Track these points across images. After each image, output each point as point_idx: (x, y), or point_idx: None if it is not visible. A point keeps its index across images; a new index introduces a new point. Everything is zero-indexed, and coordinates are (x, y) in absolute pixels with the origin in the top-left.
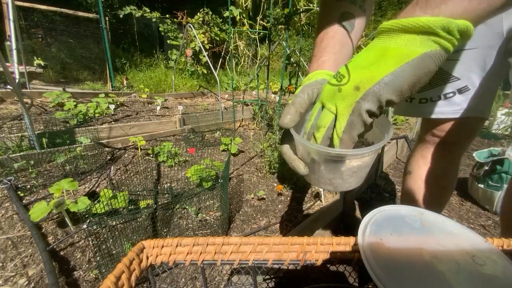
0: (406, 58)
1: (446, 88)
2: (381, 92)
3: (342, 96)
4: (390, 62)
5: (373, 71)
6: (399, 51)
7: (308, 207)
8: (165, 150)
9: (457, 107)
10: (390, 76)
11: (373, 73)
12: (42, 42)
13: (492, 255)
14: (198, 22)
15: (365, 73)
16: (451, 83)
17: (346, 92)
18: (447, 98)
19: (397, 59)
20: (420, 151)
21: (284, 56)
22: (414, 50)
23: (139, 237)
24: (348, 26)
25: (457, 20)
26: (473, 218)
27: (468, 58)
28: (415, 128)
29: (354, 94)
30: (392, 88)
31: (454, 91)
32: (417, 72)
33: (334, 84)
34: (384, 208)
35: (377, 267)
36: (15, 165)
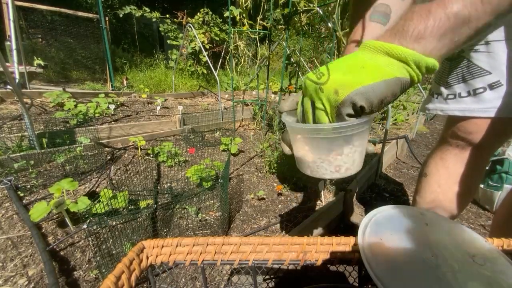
0: (384, 76)
1: (476, 83)
2: (356, 99)
3: (324, 96)
4: (369, 75)
5: (351, 79)
6: (379, 69)
7: (308, 207)
8: (165, 150)
9: (488, 104)
10: (367, 88)
11: (351, 81)
12: (42, 42)
13: (492, 255)
14: (198, 22)
15: (344, 79)
16: (481, 78)
17: (327, 92)
18: (476, 94)
19: (375, 74)
20: (440, 153)
21: (284, 56)
22: (391, 72)
23: (139, 237)
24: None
25: (427, 58)
26: (473, 218)
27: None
28: (415, 128)
29: (334, 96)
30: (365, 98)
31: (485, 86)
32: (388, 90)
33: (313, 80)
34: (384, 208)
35: (377, 267)
36: (15, 165)
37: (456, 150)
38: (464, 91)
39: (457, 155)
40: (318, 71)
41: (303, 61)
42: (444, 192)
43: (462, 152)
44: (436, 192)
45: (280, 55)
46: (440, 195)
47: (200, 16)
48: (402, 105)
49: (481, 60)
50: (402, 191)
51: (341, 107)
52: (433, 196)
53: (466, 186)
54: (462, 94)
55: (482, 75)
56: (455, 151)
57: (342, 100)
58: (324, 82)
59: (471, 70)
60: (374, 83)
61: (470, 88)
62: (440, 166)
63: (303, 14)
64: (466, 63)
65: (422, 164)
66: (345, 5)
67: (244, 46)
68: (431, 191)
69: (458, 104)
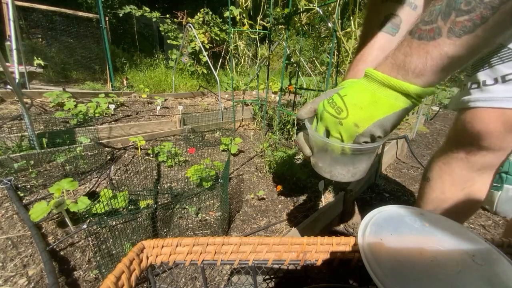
0: (394, 109)
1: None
2: (375, 130)
3: (345, 129)
4: (381, 110)
5: (368, 114)
6: (389, 102)
7: (308, 207)
8: (165, 150)
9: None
10: (382, 120)
11: (368, 116)
12: (42, 42)
13: (492, 255)
14: (198, 22)
15: (362, 114)
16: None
17: (347, 126)
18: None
19: (386, 108)
20: (444, 156)
21: (284, 56)
22: (399, 105)
23: (139, 237)
24: (391, 30)
25: (426, 88)
26: (473, 218)
27: None
28: (415, 128)
29: (355, 129)
30: (381, 128)
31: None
32: (397, 119)
33: (333, 115)
34: (384, 208)
35: (377, 267)
36: (15, 165)
37: (462, 154)
38: (490, 78)
39: (463, 160)
40: (335, 105)
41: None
42: (447, 200)
43: (468, 156)
44: (439, 199)
45: (280, 55)
46: (444, 203)
47: (200, 16)
48: None
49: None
50: (402, 191)
51: (360, 137)
52: (436, 203)
53: (472, 196)
54: (488, 82)
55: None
56: (460, 155)
57: (363, 132)
58: (344, 117)
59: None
60: (387, 116)
61: (498, 74)
62: (444, 171)
63: (303, 14)
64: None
65: (425, 167)
66: (345, 5)
67: (244, 46)
68: (434, 197)
69: (483, 93)
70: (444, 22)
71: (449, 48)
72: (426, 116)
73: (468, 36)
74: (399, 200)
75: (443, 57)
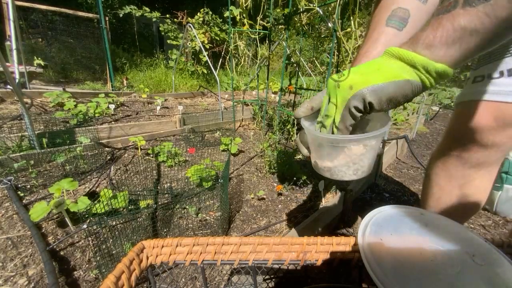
0: (395, 77)
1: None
2: (367, 94)
3: (340, 91)
4: (382, 76)
5: (366, 78)
6: (391, 71)
7: (308, 207)
8: (165, 150)
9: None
10: (377, 86)
11: (366, 80)
12: (42, 42)
13: (492, 255)
14: (198, 22)
15: (360, 78)
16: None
17: (342, 88)
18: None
19: (387, 76)
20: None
21: (284, 56)
22: (401, 75)
23: (139, 237)
24: (397, 24)
25: (436, 63)
26: (473, 218)
27: None
28: (415, 128)
29: (348, 91)
30: (375, 95)
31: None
32: (397, 91)
33: (335, 79)
34: (384, 208)
35: (377, 267)
36: (15, 165)
37: (457, 150)
38: (496, 71)
39: (458, 156)
40: (341, 73)
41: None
42: (446, 196)
43: (462, 152)
44: (439, 195)
45: (280, 55)
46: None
47: (200, 16)
48: (402, 105)
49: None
50: (402, 191)
51: (351, 99)
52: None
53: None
54: (494, 75)
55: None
56: (455, 152)
57: (354, 93)
58: (343, 80)
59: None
60: (384, 82)
61: (505, 68)
62: (439, 168)
63: (303, 14)
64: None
65: (427, 164)
66: (345, 5)
67: (244, 46)
68: (433, 193)
69: (486, 86)
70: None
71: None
72: (426, 116)
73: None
74: (399, 200)
75: (456, 28)
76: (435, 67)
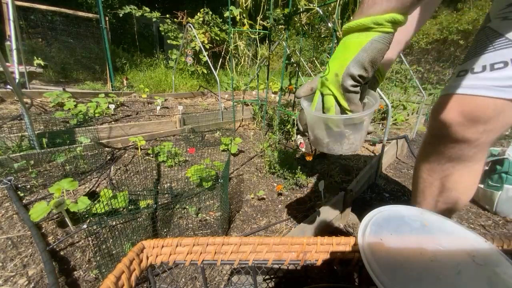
0: (359, 45)
1: (496, 56)
2: (351, 71)
3: (330, 83)
4: (350, 51)
5: (342, 60)
6: (353, 43)
7: (308, 207)
8: (165, 150)
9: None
10: (353, 60)
11: (342, 61)
12: (42, 42)
13: (492, 255)
14: (198, 22)
15: (337, 63)
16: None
17: (330, 79)
18: (494, 69)
19: (353, 48)
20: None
21: (284, 56)
22: (362, 40)
23: (139, 237)
24: None
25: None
26: (473, 218)
27: None
28: (415, 128)
29: (336, 79)
30: (358, 66)
31: (507, 60)
32: (370, 52)
33: (321, 76)
34: (384, 208)
35: (377, 267)
36: (15, 165)
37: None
38: (479, 66)
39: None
40: (324, 69)
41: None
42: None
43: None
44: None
45: (280, 55)
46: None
47: (200, 16)
48: (402, 105)
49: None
50: (402, 191)
51: (344, 83)
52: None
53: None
54: (476, 69)
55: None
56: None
57: (342, 77)
58: (327, 73)
59: (494, 41)
60: (356, 54)
61: (487, 62)
62: (422, 162)
63: (303, 14)
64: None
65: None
66: (345, 5)
67: (244, 46)
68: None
69: (469, 81)
70: None
71: None
72: (426, 116)
73: None
74: (399, 200)
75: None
76: (383, 18)
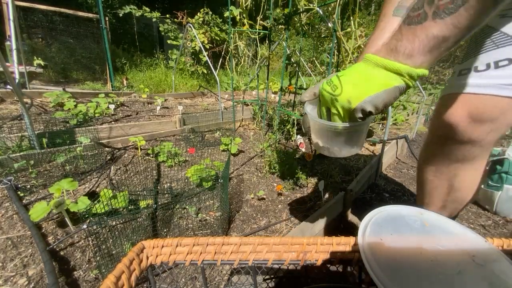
0: (384, 86)
1: (499, 53)
2: (365, 106)
3: (339, 104)
4: (373, 86)
5: (360, 91)
6: (380, 80)
7: (308, 207)
8: (165, 150)
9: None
10: (372, 97)
11: (360, 92)
12: (42, 42)
13: (492, 255)
14: (198, 22)
15: (355, 91)
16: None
17: (342, 102)
18: (499, 66)
19: (378, 86)
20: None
21: (284, 56)
22: (390, 83)
23: (139, 237)
24: (403, 14)
25: (417, 69)
26: (473, 218)
27: None
28: (415, 128)
29: (347, 104)
30: (372, 104)
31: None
32: (389, 96)
33: (329, 92)
34: (384, 208)
35: (377, 267)
36: (15, 165)
37: (439, 145)
38: (482, 64)
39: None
40: (331, 83)
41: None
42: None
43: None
44: (429, 188)
45: (280, 55)
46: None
47: (200, 16)
48: (402, 105)
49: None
50: (402, 191)
51: (354, 113)
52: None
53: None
54: (480, 68)
55: (508, 43)
56: (438, 146)
57: (355, 107)
58: (339, 94)
59: (495, 38)
60: (377, 93)
61: (491, 60)
62: (427, 162)
63: (303, 14)
64: (490, 32)
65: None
66: (345, 5)
67: (244, 46)
68: (424, 188)
69: (473, 79)
70: (429, 7)
71: (434, 29)
72: (426, 116)
73: (451, 16)
74: (399, 200)
75: (430, 38)
76: (416, 73)
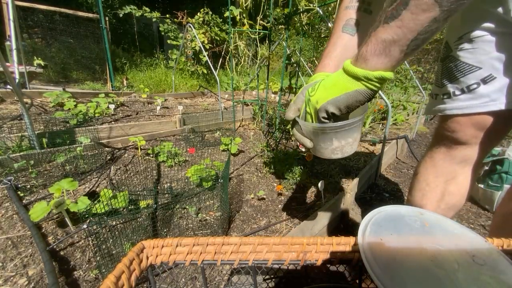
0: (345, 90)
1: (468, 79)
2: (327, 107)
3: (311, 104)
4: (337, 90)
5: (326, 94)
6: (342, 85)
7: (308, 207)
8: (165, 150)
9: (485, 99)
10: (334, 99)
11: (325, 95)
12: (42, 42)
13: (492, 255)
14: (198, 22)
15: (323, 94)
16: (473, 74)
17: (312, 102)
18: (471, 90)
19: (340, 89)
20: (430, 151)
21: (284, 56)
22: (350, 87)
23: (139, 237)
24: (350, 31)
25: (373, 71)
26: (473, 218)
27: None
28: (415, 128)
29: (315, 106)
30: (334, 106)
31: (478, 81)
32: (349, 99)
33: (308, 93)
34: (384, 208)
35: (377, 267)
36: (15, 165)
37: (443, 149)
38: (458, 89)
39: (445, 153)
40: (314, 88)
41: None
42: (431, 191)
43: (449, 150)
44: (425, 190)
45: (280, 55)
46: (428, 195)
47: (200, 16)
48: (402, 105)
49: (468, 57)
50: (402, 191)
51: (318, 112)
52: (421, 194)
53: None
54: (456, 93)
55: (473, 71)
56: (442, 149)
57: (319, 108)
58: (312, 96)
59: (460, 68)
60: (338, 96)
61: (463, 86)
62: (428, 164)
63: (303, 14)
64: (455, 62)
65: (417, 163)
66: None
67: (244, 46)
68: (419, 188)
69: (455, 103)
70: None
71: (382, 33)
72: (426, 116)
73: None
74: (399, 200)
75: (379, 41)
76: (373, 75)
